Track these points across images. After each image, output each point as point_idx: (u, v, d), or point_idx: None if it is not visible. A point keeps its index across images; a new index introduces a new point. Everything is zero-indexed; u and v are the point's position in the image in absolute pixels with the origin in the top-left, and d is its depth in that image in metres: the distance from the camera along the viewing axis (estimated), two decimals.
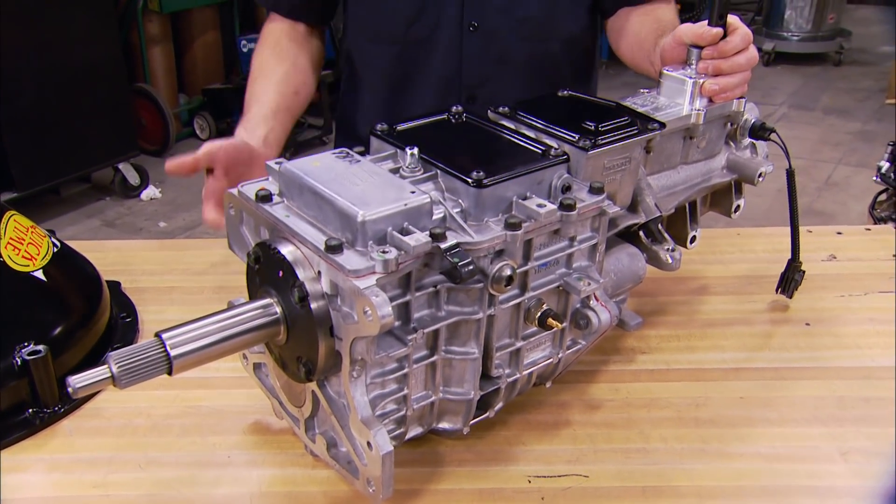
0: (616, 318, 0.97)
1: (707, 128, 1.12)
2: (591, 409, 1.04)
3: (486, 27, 1.43)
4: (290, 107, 1.40)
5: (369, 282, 0.76)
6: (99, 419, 1.05)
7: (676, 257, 1.08)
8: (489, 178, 0.84)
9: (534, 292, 0.90)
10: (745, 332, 1.20)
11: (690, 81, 1.09)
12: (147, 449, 0.99)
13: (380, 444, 0.81)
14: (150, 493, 0.92)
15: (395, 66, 1.47)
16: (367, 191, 0.82)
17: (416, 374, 0.87)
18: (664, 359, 1.14)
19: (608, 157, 0.95)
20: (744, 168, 1.17)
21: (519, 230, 0.83)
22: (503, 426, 1.01)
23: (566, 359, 1.00)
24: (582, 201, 0.89)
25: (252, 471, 0.95)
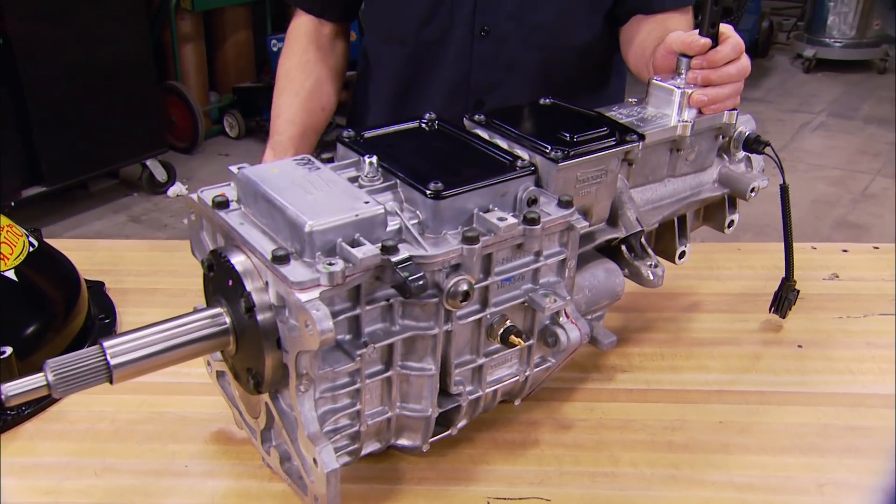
0: (587, 336, 0.94)
1: (696, 140, 1.08)
2: (562, 428, 1.01)
3: (497, 32, 1.41)
4: (318, 125, 1.44)
5: (312, 295, 0.73)
6: (63, 423, 1.04)
7: (658, 274, 1.04)
8: (448, 190, 0.81)
9: (496, 308, 0.87)
10: (732, 353, 1.15)
11: (678, 92, 1.05)
12: (106, 455, 0.98)
13: (325, 461, 0.78)
14: (100, 502, 0.90)
15: (406, 68, 1.47)
16: (320, 200, 0.80)
17: (371, 390, 0.85)
18: (645, 378, 1.10)
19: (581, 170, 0.92)
20: (736, 182, 1.13)
21: (476, 244, 0.80)
22: (469, 443, 0.98)
23: (535, 376, 0.97)
24: (548, 215, 0.86)
25: (207, 482, 0.93)
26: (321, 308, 0.72)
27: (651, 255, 1.06)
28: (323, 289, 0.74)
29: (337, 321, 0.79)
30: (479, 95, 1.46)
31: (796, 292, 1.18)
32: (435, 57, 1.45)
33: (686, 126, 1.04)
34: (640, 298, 1.26)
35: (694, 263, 1.35)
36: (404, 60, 1.46)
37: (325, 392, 0.81)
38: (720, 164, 1.15)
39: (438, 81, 1.46)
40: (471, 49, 1.42)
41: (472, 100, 1.46)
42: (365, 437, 0.87)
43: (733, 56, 1.05)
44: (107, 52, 3.92)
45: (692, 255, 1.36)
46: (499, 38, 1.41)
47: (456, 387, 0.89)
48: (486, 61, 1.42)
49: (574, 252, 0.91)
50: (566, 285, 0.92)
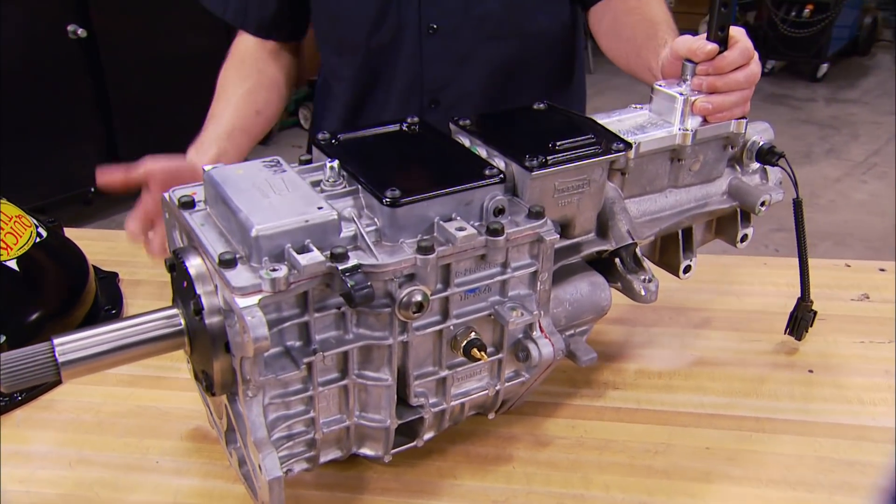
0: (561, 352, 0.90)
1: (700, 149, 1.03)
2: (539, 445, 0.97)
3: (446, 28, 1.39)
4: (249, 127, 1.36)
5: (250, 301, 0.72)
6: (50, 412, 1.06)
7: (651, 289, 1.00)
8: (405, 197, 0.79)
9: (459, 320, 0.84)
10: (735, 375, 1.09)
11: (681, 99, 1.00)
12: (83, 447, 0.99)
13: (268, 468, 0.77)
14: (67, 493, 0.92)
15: (361, 76, 1.44)
16: (276, 204, 0.78)
17: (327, 398, 0.83)
18: (636, 397, 1.05)
19: (559, 179, 0.88)
20: (745, 195, 1.07)
21: (431, 254, 0.77)
22: (440, 456, 0.96)
23: (510, 391, 0.94)
24: (515, 225, 0.83)
25: (174, 479, 0.94)
26: (256, 314, 0.71)
27: (645, 269, 1.01)
28: (264, 295, 0.73)
29: (285, 327, 0.78)
30: (432, 94, 1.44)
31: (813, 313, 1.11)
32: (388, 61, 1.43)
33: (686, 135, 0.99)
34: (649, 313, 1.21)
35: (712, 277, 1.30)
36: (359, 69, 1.44)
37: (276, 398, 0.80)
38: (731, 176, 1.09)
39: (392, 85, 1.44)
40: (420, 48, 1.39)
41: (426, 99, 1.44)
42: (322, 444, 0.86)
43: (741, 62, 1.00)
44: (185, 44, 4.02)
45: (711, 269, 1.31)
46: (448, 33, 1.38)
47: (417, 398, 0.87)
48: (437, 59, 1.39)
49: (547, 265, 0.87)
50: (539, 299, 0.89)
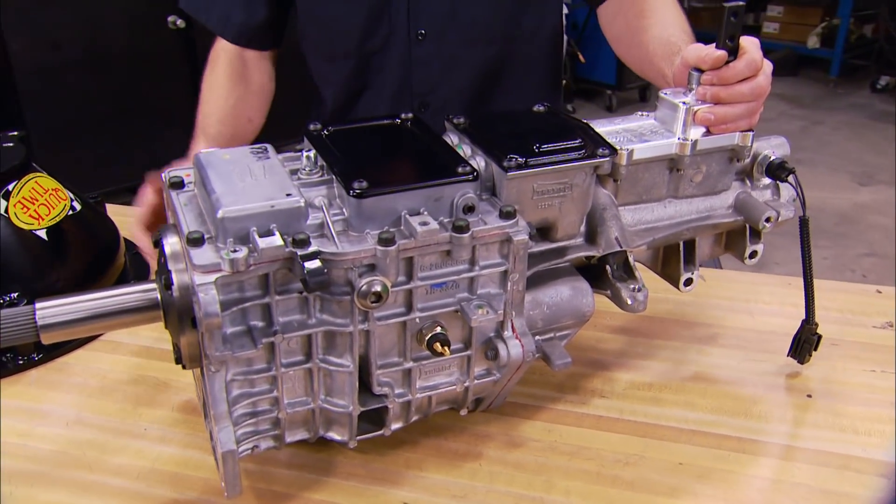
0: (531, 354, 0.90)
1: (703, 161, 1.01)
2: (511, 446, 0.98)
3: (434, 34, 1.41)
4: (245, 136, 1.39)
5: (208, 278, 0.76)
6: (62, 374, 1.12)
7: (639, 299, 0.98)
8: (372, 189, 0.81)
9: (424, 313, 0.86)
10: (729, 393, 1.07)
11: (683, 108, 0.98)
12: (83, 409, 1.05)
13: (222, 440, 0.80)
14: (59, 450, 0.98)
15: (353, 80, 1.47)
16: (249, 188, 0.82)
17: (293, 379, 0.86)
18: (620, 407, 1.04)
19: (538, 181, 0.88)
20: (750, 210, 1.04)
21: (391, 246, 0.79)
22: (410, 447, 0.97)
23: (483, 389, 0.94)
24: (483, 224, 0.83)
25: (157, 446, 0.99)
26: (210, 292, 0.75)
27: (636, 279, 1.00)
28: (221, 274, 0.76)
29: (248, 307, 0.81)
30: (421, 97, 1.47)
31: (817, 336, 1.07)
32: (378, 66, 1.46)
33: (685, 145, 0.97)
34: (656, 323, 1.20)
35: (730, 293, 1.28)
36: (350, 74, 1.46)
37: (239, 375, 0.83)
38: (739, 189, 1.07)
39: (383, 89, 1.47)
40: (409, 53, 1.42)
41: (415, 102, 1.47)
42: (288, 424, 0.89)
43: (747, 73, 0.97)
44: None
45: (730, 285, 1.28)
46: (436, 38, 1.41)
47: (380, 387, 0.88)
48: (425, 63, 1.42)
49: (520, 266, 0.87)
50: (512, 299, 0.89)
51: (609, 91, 5.68)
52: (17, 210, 1.16)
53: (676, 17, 1.26)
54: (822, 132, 5.37)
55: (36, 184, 1.21)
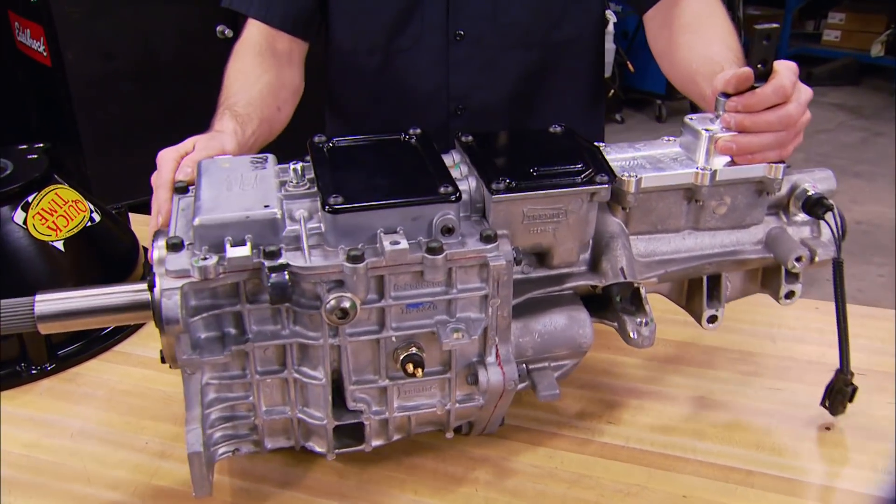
0: (512, 382, 0.88)
1: (727, 192, 0.95)
2: (509, 472, 0.95)
3: (473, 35, 1.37)
4: (273, 122, 1.30)
5: (174, 283, 0.78)
6: (73, 384, 1.14)
7: (644, 334, 0.93)
8: (347, 205, 0.80)
9: (398, 332, 0.85)
10: (741, 423, 1.02)
11: (705, 136, 0.93)
12: (88, 420, 1.06)
13: (189, 441, 0.82)
14: (60, 462, 0.99)
15: (378, 78, 1.42)
16: (233, 197, 0.84)
17: (270, 386, 0.87)
18: (627, 434, 1.01)
19: (528, 206, 0.86)
20: (779, 247, 0.97)
21: (359, 263, 0.79)
22: (396, 466, 0.96)
23: (468, 413, 0.92)
24: (462, 246, 0.82)
25: (155, 461, 0.98)
26: (173, 298, 0.77)
27: (645, 312, 0.94)
28: (189, 280, 0.78)
29: (222, 314, 0.83)
30: (458, 102, 1.42)
31: (852, 388, 0.99)
32: (409, 66, 1.41)
33: (703, 175, 0.92)
34: (671, 347, 1.17)
35: (754, 317, 1.23)
36: (375, 70, 1.42)
37: (214, 379, 0.85)
38: (774, 224, 0.99)
39: (415, 90, 1.42)
40: (447, 55, 1.37)
41: (452, 106, 1.42)
42: (267, 431, 0.90)
43: (775, 100, 0.91)
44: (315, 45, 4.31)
45: (755, 308, 1.21)
46: (475, 40, 1.36)
47: (355, 403, 0.88)
48: (463, 66, 1.37)
49: (503, 290, 0.85)
50: (497, 325, 0.87)
51: (659, 101, 5.50)
52: (35, 222, 1.19)
53: (724, 32, 1.19)
54: (884, 144, 5.00)
55: (56, 195, 1.24)
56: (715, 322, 1.02)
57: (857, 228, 3.88)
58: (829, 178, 1.01)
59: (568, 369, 0.96)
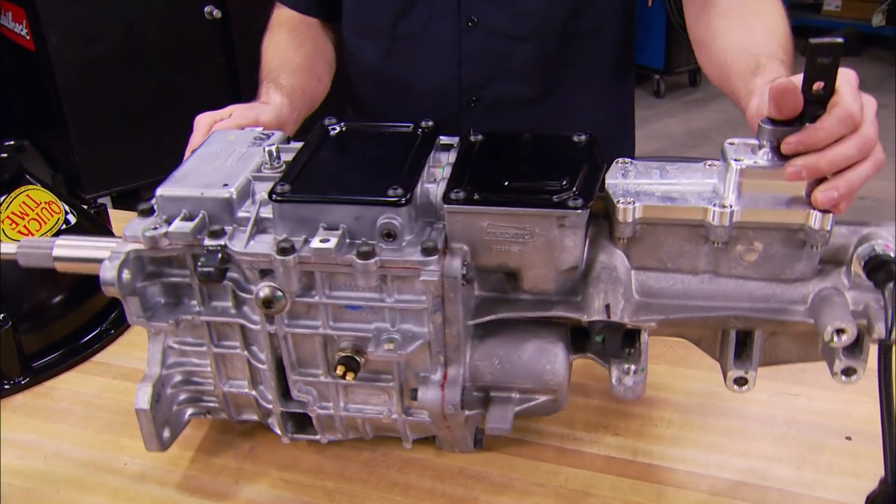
0: (451, 406, 0.81)
1: (757, 236, 0.79)
2: (509, 492, 0.89)
3: (486, 22, 1.26)
4: (315, 94, 1.29)
5: (123, 248, 0.81)
6: (48, 399, 1.08)
7: (627, 383, 0.82)
8: (289, 196, 0.78)
9: (338, 332, 0.82)
10: (758, 433, 0.93)
11: (735, 167, 0.78)
12: (63, 439, 1.00)
13: (138, 397, 0.86)
14: (32, 488, 0.94)
15: (385, 63, 1.34)
16: (208, 172, 0.86)
17: (228, 360, 0.89)
18: (634, 446, 0.93)
19: (488, 221, 0.78)
20: (822, 313, 0.79)
21: (287, 256, 0.77)
22: (390, 487, 0.90)
23: (425, 428, 0.87)
24: (398, 254, 0.76)
25: (134, 484, 0.94)
26: (114, 261, 0.81)
27: (637, 358, 0.82)
28: (136, 247, 0.82)
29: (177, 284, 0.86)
30: (472, 93, 1.32)
31: None
32: (418, 52, 1.32)
33: (720, 214, 0.77)
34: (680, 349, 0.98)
35: None
36: (382, 55, 1.33)
37: (175, 343, 0.89)
38: (828, 283, 0.81)
39: (425, 79, 1.32)
40: (459, 42, 1.27)
41: (464, 98, 1.33)
42: (232, 402, 0.92)
43: (843, 132, 0.74)
44: None
45: None
46: (488, 28, 1.27)
47: (299, 394, 0.87)
48: (477, 55, 1.25)
49: (450, 307, 0.78)
50: (444, 342, 0.81)
51: (657, 76, 5.16)
52: (4, 227, 1.13)
53: (770, 18, 1.01)
54: (885, 116, 3.91)
55: (28, 197, 1.18)
56: (744, 385, 0.86)
57: (860, 204, 3.46)
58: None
59: (537, 405, 0.86)
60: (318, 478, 0.92)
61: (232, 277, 0.82)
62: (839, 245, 0.81)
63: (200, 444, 0.97)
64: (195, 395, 0.92)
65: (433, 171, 0.84)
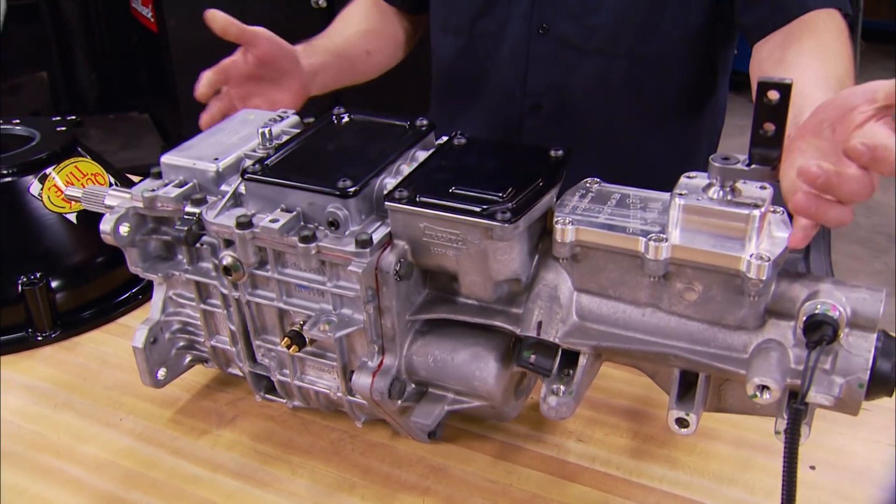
0: (378, 394, 0.85)
1: (696, 277, 0.76)
2: (461, 485, 0.91)
3: (557, 31, 1.29)
4: (356, 61, 1.34)
5: (126, 204, 0.92)
6: (71, 353, 1.16)
7: (551, 403, 0.81)
8: (255, 176, 0.85)
9: (291, 307, 0.88)
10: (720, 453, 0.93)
11: (678, 203, 0.75)
12: (73, 391, 1.08)
13: (135, 336, 0.96)
14: (38, 432, 1.02)
15: (461, 60, 1.39)
16: (210, 146, 0.95)
17: (212, 317, 0.97)
18: (594, 454, 0.94)
19: (424, 223, 0.80)
20: (754, 366, 0.74)
21: (243, 230, 0.84)
22: (351, 468, 0.95)
23: (369, 411, 0.91)
24: (336, 242, 0.81)
25: (124, 439, 1.01)
26: (114, 215, 0.91)
27: (568, 380, 0.82)
28: (133, 204, 0.92)
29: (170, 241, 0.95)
30: (535, 98, 1.35)
31: None
32: (491, 53, 1.36)
33: (655, 247, 0.75)
34: None
35: None
36: (459, 52, 1.38)
37: (174, 295, 0.98)
38: (776, 335, 0.76)
39: (494, 81, 1.36)
40: (528, 47, 1.30)
41: (528, 102, 1.36)
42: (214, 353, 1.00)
43: None
44: None
45: None
46: (559, 37, 1.30)
47: (262, 358, 0.94)
48: (544, 62, 1.25)
49: (385, 299, 0.82)
50: (381, 332, 0.84)
51: None
52: (50, 194, 1.22)
53: (828, 63, 0.96)
54: None
55: (75, 168, 1.26)
56: (686, 427, 0.82)
57: None
58: (873, 301, 0.73)
59: (473, 409, 0.88)
60: (287, 451, 0.97)
61: (210, 242, 0.90)
62: (789, 297, 0.76)
63: (190, 410, 1.05)
64: (190, 344, 1.02)
65: (402, 168, 0.88)
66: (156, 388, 1.00)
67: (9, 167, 1.21)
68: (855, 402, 0.73)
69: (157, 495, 0.92)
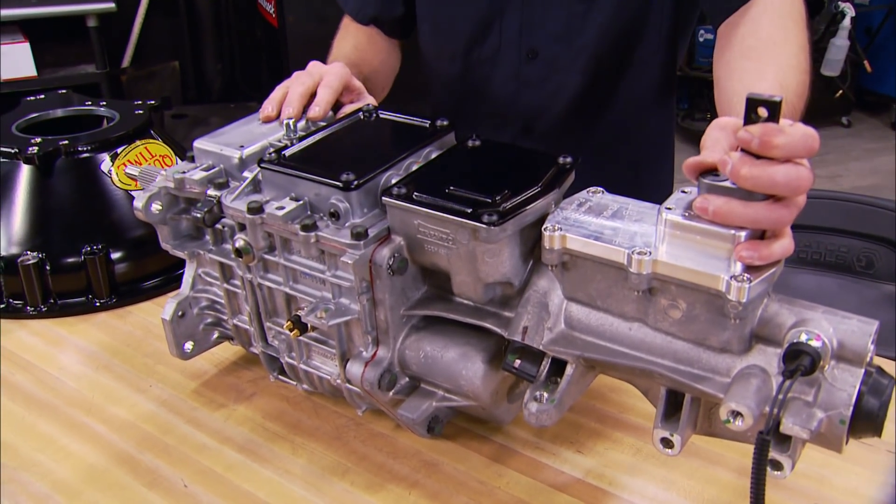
0: (369, 384, 0.87)
1: (680, 294, 0.74)
2: (451, 482, 0.92)
3: (546, 55, 1.32)
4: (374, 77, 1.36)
5: (161, 183, 0.97)
6: (122, 321, 1.24)
7: (531, 409, 0.81)
8: (270, 165, 0.89)
9: (297, 293, 0.91)
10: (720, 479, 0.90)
11: (664, 216, 0.74)
12: (115, 356, 1.16)
13: (165, 309, 1.02)
14: (76, 390, 1.10)
15: (457, 85, 1.42)
16: (239, 135, 0.99)
17: (234, 296, 1.01)
18: (589, 466, 0.93)
19: (418, 220, 0.82)
20: (732, 391, 0.72)
21: (252, 215, 0.88)
22: (347, 454, 0.97)
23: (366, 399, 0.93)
24: (335, 233, 0.83)
25: (148, 404, 1.07)
26: (144, 193, 0.97)
27: (553, 388, 0.81)
28: (169, 185, 0.97)
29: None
30: (526, 120, 1.40)
31: None
32: (485, 78, 1.39)
33: (637, 261, 0.73)
34: None
35: None
36: (455, 77, 1.42)
37: (202, 273, 1.03)
38: (761, 361, 0.73)
39: (487, 104, 1.40)
40: (518, 72, 1.34)
41: (519, 124, 1.40)
42: (237, 331, 1.04)
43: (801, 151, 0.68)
44: None
45: None
46: (548, 61, 1.32)
47: (273, 339, 0.97)
48: (534, 85, 1.26)
49: (379, 292, 0.84)
50: (375, 324, 0.86)
51: None
52: (118, 171, 1.31)
53: (784, 64, 0.94)
54: None
55: (145, 149, 1.35)
56: (671, 448, 0.80)
57: None
58: (863, 333, 0.69)
59: (461, 407, 0.89)
60: (293, 432, 1.01)
61: (231, 225, 0.95)
62: (777, 323, 0.73)
63: (214, 383, 1.10)
64: (217, 321, 1.07)
65: (412, 166, 0.89)
66: (183, 359, 1.06)
67: (85, 144, 1.32)
68: (837, 438, 0.70)
69: (165, 459, 0.97)
